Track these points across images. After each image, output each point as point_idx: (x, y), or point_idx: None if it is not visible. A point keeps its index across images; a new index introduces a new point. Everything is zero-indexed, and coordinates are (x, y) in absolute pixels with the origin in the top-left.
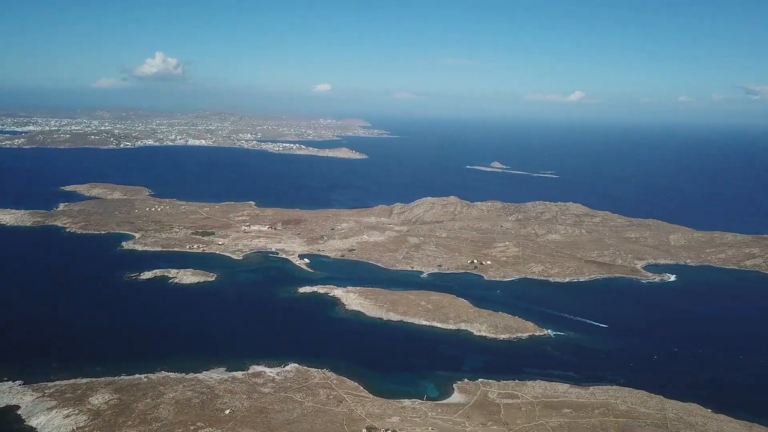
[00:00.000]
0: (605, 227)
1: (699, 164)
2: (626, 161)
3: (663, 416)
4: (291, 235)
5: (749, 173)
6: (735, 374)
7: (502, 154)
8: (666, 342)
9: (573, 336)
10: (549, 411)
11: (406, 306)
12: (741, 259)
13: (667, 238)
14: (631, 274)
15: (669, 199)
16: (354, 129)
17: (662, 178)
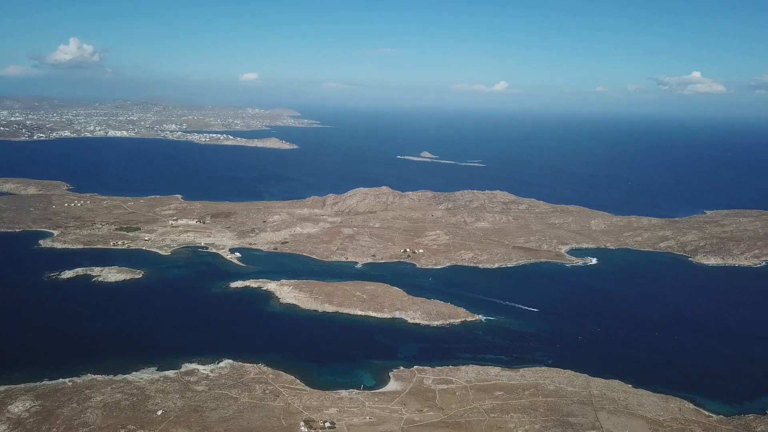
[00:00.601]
0: (531, 214)
1: (615, 152)
2: (549, 150)
3: (588, 393)
4: (221, 228)
5: (661, 160)
6: (652, 351)
7: (431, 143)
8: (589, 322)
9: (503, 320)
10: (482, 394)
11: (341, 297)
12: (655, 241)
13: (589, 223)
14: (556, 258)
15: (589, 185)
16: (283, 119)
17: (583, 165)
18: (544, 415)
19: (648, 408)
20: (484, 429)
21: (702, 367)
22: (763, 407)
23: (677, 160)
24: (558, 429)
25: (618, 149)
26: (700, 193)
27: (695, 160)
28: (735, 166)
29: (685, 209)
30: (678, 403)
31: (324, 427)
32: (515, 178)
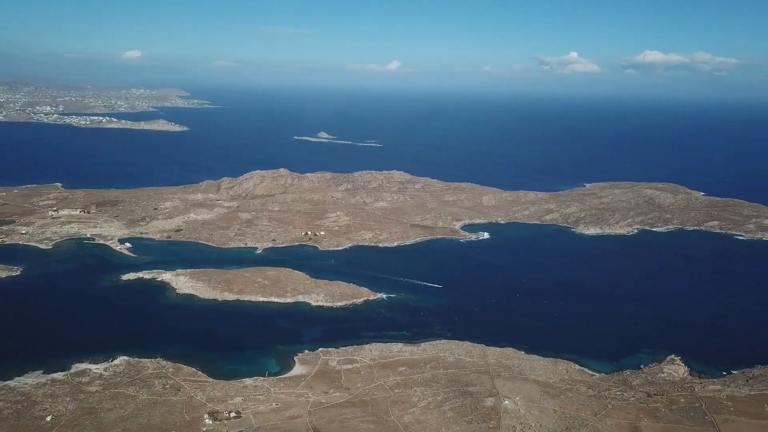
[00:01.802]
0: (426, 192)
1: (503, 130)
2: (442, 129)
3: (485, 363)
4: (108, 218)
5: (545, 137)
6: (541, 318)
7: (328, 124)
8: (485, 294)
9: (404, 297)
10: (386, 371)
11: (242, 284)
12: (541, 214)
13: (480, 200)
14: (451, 234)
15: (481, 163)
16: (171, 99)
17: (473, 143)
18: (446, 387)
19: (539, 372)
20: (389, 405)
21: (585, 331)
22: (637, 363)
23: (559, 136)
24: (458, 399)
25: (505, 128)
26: (580, 168)
27: (575, 137)
28: (610, 141)
29: (567, 183)
30: (565, 365)
31: (229, 418)
32: (411, 157)
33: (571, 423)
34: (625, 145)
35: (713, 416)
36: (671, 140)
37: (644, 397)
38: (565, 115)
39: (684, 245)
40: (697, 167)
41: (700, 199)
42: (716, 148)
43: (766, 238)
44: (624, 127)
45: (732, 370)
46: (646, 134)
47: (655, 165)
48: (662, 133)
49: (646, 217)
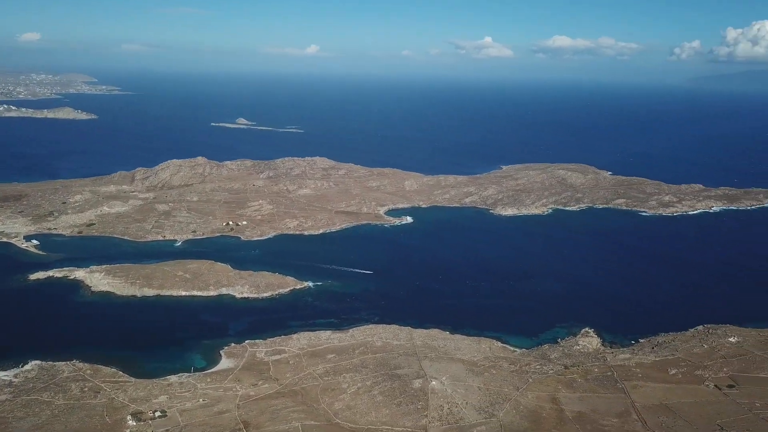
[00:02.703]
0: (350, 178)
1: (423, 115)
2: (363, 114)
3: (412, 345)
4: (11, 213)
5: (462, 121)
6: (464, 298)
7: (246, 110)
8: (410, 278)
9: (331, 284)
10: (315, 359)
11: (162, 279)
12: (461, 197)
13: (403, 184)
14: (376, 220)
15: (402, 148)
16: (77, 85)
17: (394, 129)
18: (374, 371)
19: (464, 351)
20: (319, 393)
21: (505, 308)
22: (554, 337)
23: (475, 120)
24: (387, 382)
25: (424, 112)
26: (496, 151)
27: (491, 120)
28: (524, 124)
29: (485, 166)
30: (488, 343)
31: (154, 417)
32: (333, 143)
33: (495, 399)
34: (538, 127)
35: (624, 383)
36: (580, 122)
37: (562, 369)
38: (481, 99)
39: (594, 223)
40: (604, 148)
41: (608, 179)
42: (621, 129)
43: (666, 213)
44: (536, 110)
45: (639, 338)
46: (556, 116)
47: (566, 146)
48: (571, 115)
49: (559, 197)
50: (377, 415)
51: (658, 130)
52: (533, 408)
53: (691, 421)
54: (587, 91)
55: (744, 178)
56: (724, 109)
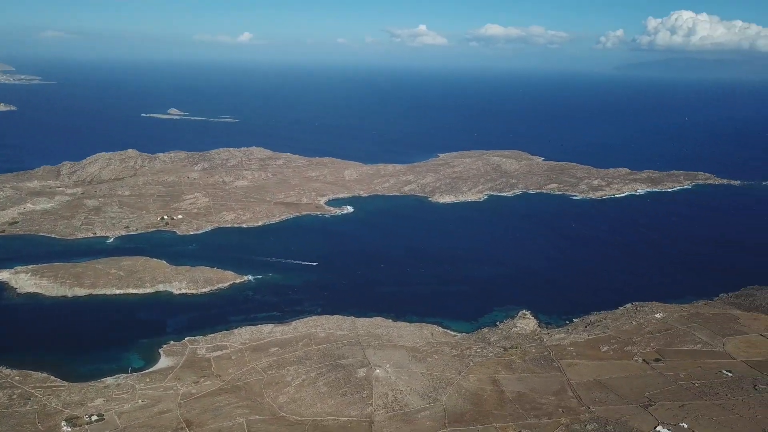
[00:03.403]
0: (288, 168)
1: (361, 104)
2: (300, 103)
3: (356, 334)
4: None
5: (399, 110)
6: (405, 285)
7: (178, 99)
8: (351, 267)
9: (272, 277)
10: (258, 354)
11: (94, 277)
12: (401, 185)
13: (343, 174)
14: (317, 210)
15: (340, 137)
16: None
17: (332, 117)
18: (318, 362)
19: (407, 338)
20: (263, 387)
21: (446, 294)
22: (493, 320)
23: (412, 108)
24: (332, 373)
25: (361, 100)
26: (433, 139)
27: (427, 108)
28: (459, 112)
29: (423, 154)
30: (430, 329)
31: (90, 422)
32: (270, 132)
33: (438, 383)
34: (473, 115)
35: (560, 362)
36: (513, 109)
37: (501, 352)
38: (417, 88)
39: (528, 207)
40: (536, 134)
41: (540, 164)
42: (552, 116)
43: (595, 197)
44: (470, 98)
45: (573, 318)
46: (490, 104)
47: (501, 133)
48: (504, 103)
49: (494, 183)
50: (322, 406)
51: (586, 116)
52: (475, 390)
53: (622, 395)
54: (519, 79)
55: (667, 161)
56: (647, 96)
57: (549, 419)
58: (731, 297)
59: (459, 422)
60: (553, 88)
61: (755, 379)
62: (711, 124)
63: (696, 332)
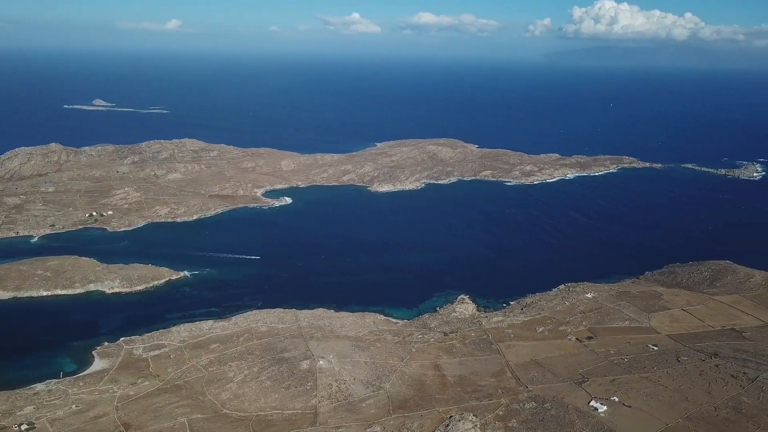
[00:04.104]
0: (223, 160)
1: (296, 93)
2: (232, 92)
3: (298, 327)
4: None
5: (335, 99)
6: (346, 275)
7: (103, 90)
8: (291, 259)
9: (209, 272)
10: (198, 351)
11: (18, 279)
12: (339, 175)
13: (280, 165)
14: (254, 202)
15: (276, 127)
16: None
17: (267, 107)
18: (261, 357)
19: (349, 328)
20: (205, 384)
21: (386, 282)
22: (434, 306)
23: (348, 97)
24: (275, 367)
25: (296, 90)
26: (370, 128)
27: (362, 97)
28: (394, 101)
29: (360, 143)
30: (372, 318)
31: (21, 431)
32: (202, 123)
33: (382, 371)
34: (408, 104)
35: (498, 344)
36: (447, 98)
37: (442, 337)
38: (352, 76)
39: (464, 195)
40: (470, 122)
41: (475, 152)
42: (485, 104)
43: (528, 182)
44: (404, 87)
45: (510, 301)
46: (424, 93)
47: (436, 121)
48: (438, 91)
49: (431, 171)
50: (266, 400)
51: (516, 104)
52: (417, 376)
53: (558, 373)
54: (452, 68)
55: (594, 146)
56: (574, 83)
57: (489, 400)
58: (655, 275)
59: (403, 408)
60: (485, 76)
61: (678, 352)
62: (634, 111)
63: (624, 310)
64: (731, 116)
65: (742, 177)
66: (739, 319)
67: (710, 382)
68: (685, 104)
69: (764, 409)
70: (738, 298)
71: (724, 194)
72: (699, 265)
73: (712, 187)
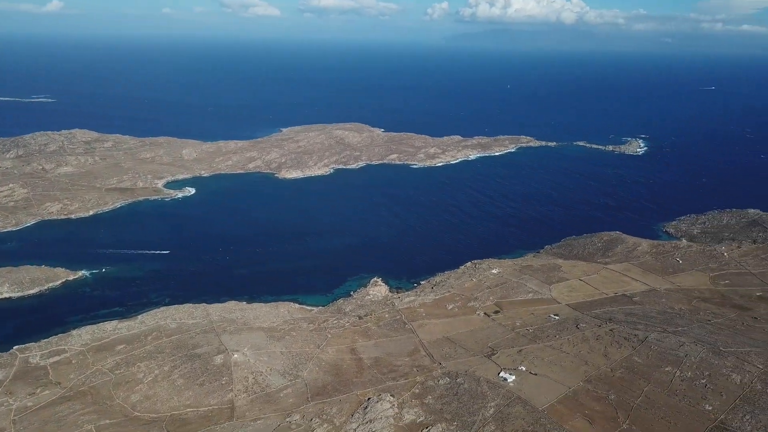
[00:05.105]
0: (119, 151)
1: (193, 77)
2: (126, 78)
3: (209, 321)
4: None
5: (235, 83)
6: (257, 266)
7: None
8: (199, 252)
9: (111, 270)
10: (103, 354)
11: None
12: (245, 163)
13: (181, 154)
14: (155, 194)
15: (175, 114)
16: None
17: (163, 93)
18: (172, 355)
19: (263, 318)
20: (112, 388)
21: (299, 270)
22: (348, 290)
23: (249, 82)
24: (187, 364)
25: (193, 74)
26: (274, 113)
27: (265, 82)
28: (296, 85)
29: (265, 129)
30: (286, 307)
31: None
32: (94, 112)
33: (298, 360)
34: (311, 87)
35: (411, 324)
36: (351, 81)
37: (357, 320)
38: (252, 60)
39: (372, 178)
40: (375, 106)
41: (381, 136)
42: (388, 87)
43: (433, 164)
44: (309, 71)
45: (420, 281)
46: (327, 76)
47: (341, 106)
48: (342, 75)
49: (339, 156)
50: (180, 399)
51: (419, 87)
52: (334, 362)
53: (469, 348)
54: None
55: (494, 127)
56: (473, 66)
57: (405, 380)
58: (554, 248)
59: (321, 395)
60: (386, 59)
61: (577, 319)
62: (530, 92)
63: (527, 283)
64: (616, 96)
65: (627, 152)
66: (629, 285)
67: (606, 345)
68: (576, 85)
69: (653, 366)
70: (628, 265)
71: (613, 169)
72: (593, 237)
73: (602, 163)
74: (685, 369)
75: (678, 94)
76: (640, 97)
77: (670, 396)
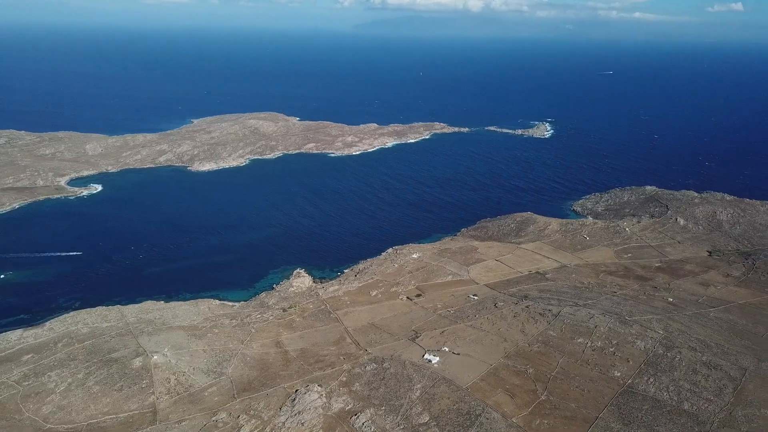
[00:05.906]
0: (14, 148)
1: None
2: (19, 68)
3: (125, 323)
4: None
5: (142, 74)
6: (173, 263)
7: None
8: (109, 252)
9: (12, 276)
10: (7, 365)
11: None
12: (155, 156)
13: (84, 149)
14: (57, 193)
15: (76, 106)
16: None
17: (59, 83)
18: (86, 361)
19: (182, 317)
20: (20, 401)
21: (218, 265)
22: (270, 283)
23: (153, 71)
24: (103, 370)
25: (93, 64)
26: (183, 104)
27: (171, 72)
28: (203, 74)
29: (174, 121)
30: (206, 304)
31: None
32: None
33: (222, 357)
34: (219, 76)
35: (336, 312)
36: (262, 69)
37: (281, 313)
38: (156, 49)
39: (290, 169)
40: (289, 94)
41: (297, 125)
42: (300, 75)
43: (351, 153)
44: (217, 59)
45: (344, 269)
46: (235, 65)
47: (253, 95)
48: (252, 63)
49: (254, 146)
50: (97, 406)
51: (329, 74)
52: (259, 356)
53: (393, 333)
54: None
55: (408, 114)
56: (384, 53)
57: (332, 368)
58: (470, 230)
59: (248, 390)
60: (296, 46)
61: (495, 298)
62: (441, 78)
63: (446, 266)
64: (523, 81)
65: (535, 136)
66: (541, 263)
67: (523, 322)
68: (484, 70)
69: (567, 338)
70: (539, 244)
71: (522, 152)
72: (506, 218)
73: (512, 147)
74: (596, 339)
75: (580, 78)
76: (545, 82)
77: (583, 365)
